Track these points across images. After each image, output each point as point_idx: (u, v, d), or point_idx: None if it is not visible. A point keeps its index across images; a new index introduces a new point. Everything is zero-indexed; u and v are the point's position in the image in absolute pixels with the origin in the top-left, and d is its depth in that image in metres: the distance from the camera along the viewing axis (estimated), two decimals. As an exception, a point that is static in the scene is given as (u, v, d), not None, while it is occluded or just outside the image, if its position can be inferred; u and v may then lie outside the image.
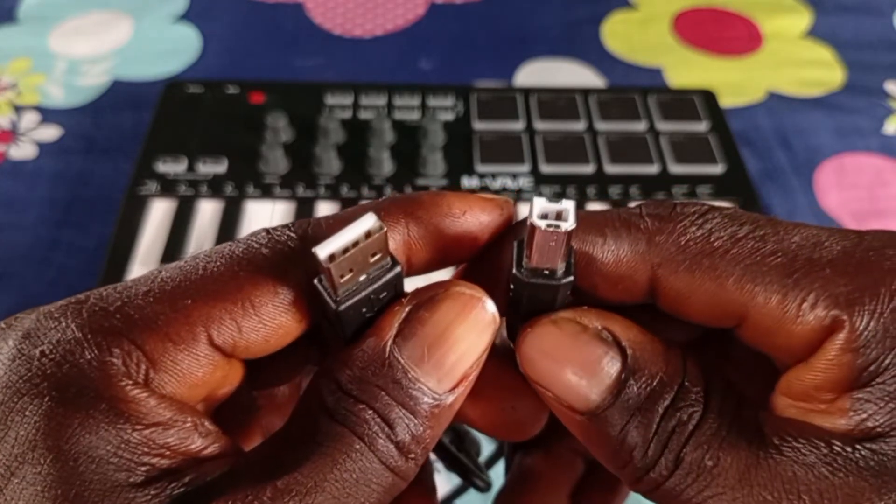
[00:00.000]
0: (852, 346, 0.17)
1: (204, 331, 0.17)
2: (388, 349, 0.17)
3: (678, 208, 0.19)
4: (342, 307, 0.18)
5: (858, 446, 0.17)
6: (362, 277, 0.18)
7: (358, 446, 0.17)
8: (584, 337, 0.19)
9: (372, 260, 0.18)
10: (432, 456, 0.28)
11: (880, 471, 0.16)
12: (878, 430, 0.17)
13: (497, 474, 0.30)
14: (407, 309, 0.18)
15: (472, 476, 0.29)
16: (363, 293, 0.18)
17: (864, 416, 0.17)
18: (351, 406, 0.17)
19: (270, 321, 0.18)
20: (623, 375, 0.18)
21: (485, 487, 0.30)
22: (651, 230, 0.19)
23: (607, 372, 0.18)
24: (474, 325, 0.18)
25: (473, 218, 0.20)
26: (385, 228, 0.17)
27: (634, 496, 0.28)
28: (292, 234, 0.19)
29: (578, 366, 0.18)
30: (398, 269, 0.18)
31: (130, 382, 0.17)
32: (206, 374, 0.18)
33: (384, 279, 0.18)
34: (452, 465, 0.29)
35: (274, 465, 0.17)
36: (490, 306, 0.18)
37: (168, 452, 0.16)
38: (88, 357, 0.17)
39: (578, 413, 0.19)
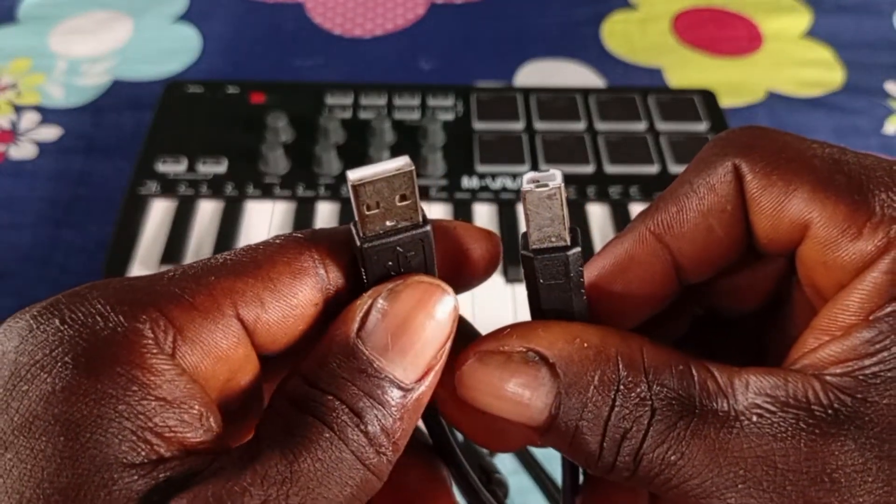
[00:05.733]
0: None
1: (229, 303, 0.18)
2: (351, 340, 0.18)
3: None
4: (367, 245, 0.18)
5: (833, 394, 0.17)
6: (390, 223, 0.18)
7: (327, 435, 0.17)
8: (512, 366, 0.19)
9: (400, 204, 0.18)
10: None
11: (858, 425, 0.17)
12: (877, 352, 0.17)
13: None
14: (369, 301, 0.18)
15: None
16: (389, 240, 0.19)
17: (873, 333, 0.17)
18: (318, 397, 0.17)
19: (288, 297, 0.19)
20: (559, 389, 0.18)
21: None
22: (736, 138, 0.20)
23: (542, 392, 0.19)
24: (434, 312, 0.18)
25: (471, 239, 0.21)
26: (413, 167, 0.18)
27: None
28: (304, 231, 0.20)
29: (515, 393, 0.19)
30: (427, 228, 0.19)
31: (156, 350, 0.17)
32: (230, 348, 0.18)
33: (411, 234, 0.19)
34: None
35: (251, 458, 0.17)
36: (450, 294, 0.19)
37: (167, 433, 0.16)
38: (112, 324, 0.17)
39: (531, 430, 0.19)
